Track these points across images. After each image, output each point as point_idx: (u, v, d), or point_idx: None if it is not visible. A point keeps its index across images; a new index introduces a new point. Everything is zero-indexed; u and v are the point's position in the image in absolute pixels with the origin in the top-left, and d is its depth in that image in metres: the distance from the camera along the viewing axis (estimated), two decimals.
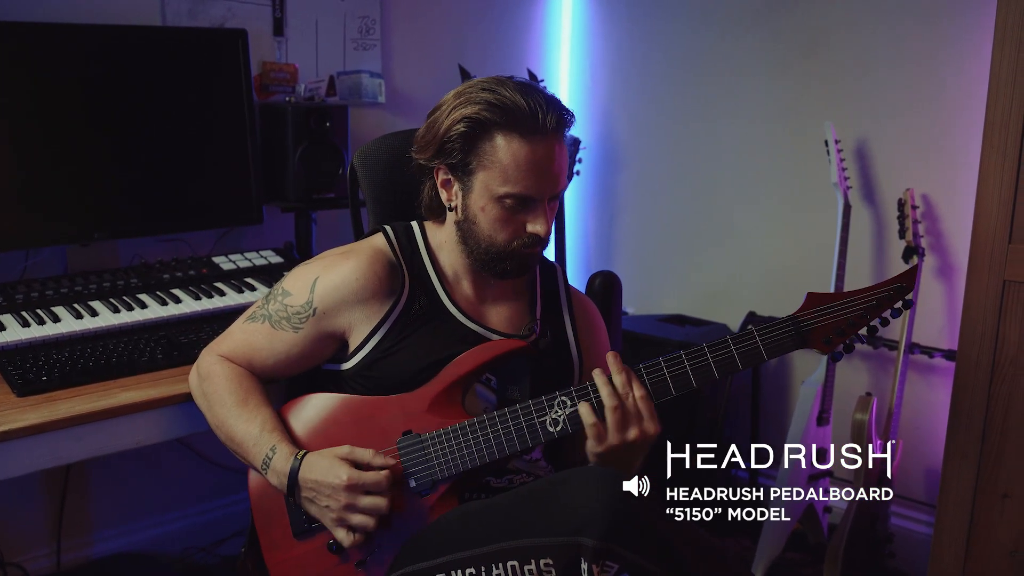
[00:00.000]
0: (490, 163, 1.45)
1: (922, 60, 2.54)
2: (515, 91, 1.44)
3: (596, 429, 1.36)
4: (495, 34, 3.12)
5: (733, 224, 3.00)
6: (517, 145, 1.43)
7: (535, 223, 1.47)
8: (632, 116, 3.21)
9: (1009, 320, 1.94)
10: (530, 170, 1.43)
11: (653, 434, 1.37)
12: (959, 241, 2.52)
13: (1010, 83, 1.87)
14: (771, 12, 2.83)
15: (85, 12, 2.19)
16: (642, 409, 1.36)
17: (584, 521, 1.19)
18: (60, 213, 2.06)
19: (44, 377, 1.63)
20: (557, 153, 1.46)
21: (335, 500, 1.39)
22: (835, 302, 1.39)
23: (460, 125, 1.45)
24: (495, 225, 1.48)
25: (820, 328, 1.39)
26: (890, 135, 2.63)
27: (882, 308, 1.39)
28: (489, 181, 1.45)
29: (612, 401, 1.36)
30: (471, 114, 1.44)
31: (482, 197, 1.47)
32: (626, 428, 1.35)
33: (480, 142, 1.45)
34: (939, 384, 2.59)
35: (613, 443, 1.35)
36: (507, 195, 1.45)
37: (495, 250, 1.50)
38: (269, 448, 1.44)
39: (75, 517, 2.39)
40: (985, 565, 2.03)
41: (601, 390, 1.37)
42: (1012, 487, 1.98)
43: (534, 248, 1.50)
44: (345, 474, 1.38)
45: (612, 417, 1.35)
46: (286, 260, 2.26)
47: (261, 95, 2.48)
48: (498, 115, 1.43)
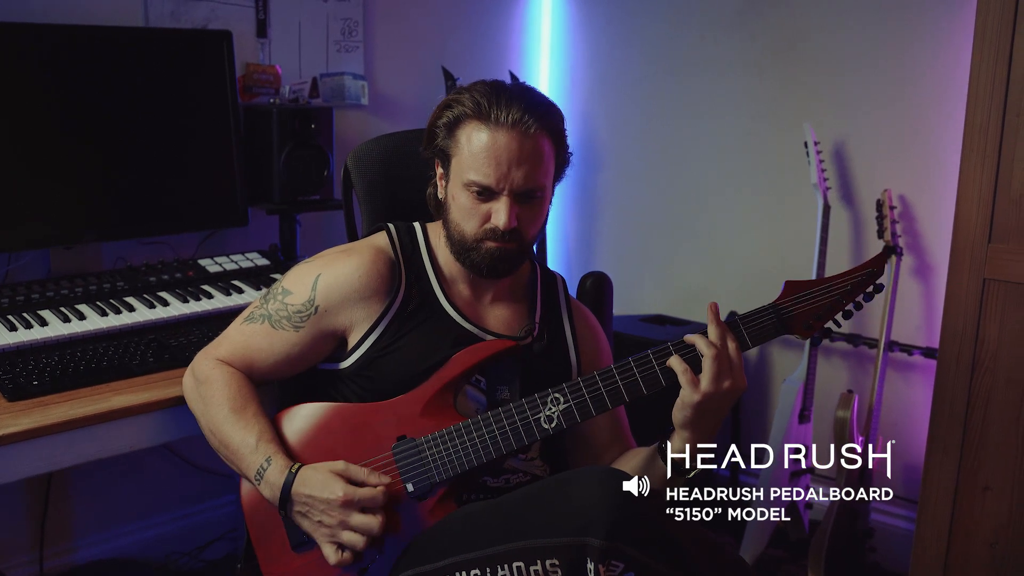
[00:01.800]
0: (459, 150, 1.50)
1: (899, 62, 2.59)
2: (495, 88, 1.50)
3: (689, 376, 1.36)
4: (476, 36, 3.13)
5: (713, 225, 3.04)
6: (477, 133, 1.48)
7: (497, 215, 1.48)
8: (612, 117, 3.23)
9: (989, 317, 1.98)
10: (488, 159, 1.46)
11: (743, 388, 1.39)
12: (936, 240, 2.57)
13: (989, 87, 1.92)
14: (749, 13, 2.86)
15: (67, 13, 2.17)
16: (734, 360, 1.37)
17: (590, 521, 1.20)
18: (44, 215, 2.04)
19: (35, 381, 1.61)
20: (521, 146, 1.46)
21: (328, 516, 1.38)
22: (812, 289, 1.43)
23: (443, 114, 1.52)
24: (462, 213, 1.51)
25: (800, 314, 1.42)
26: (868, 136, 2.67)
27: (856, 292, 1.44)
28: (458, 168, 1.50)
29: (711, 350, 1.36)
30: (451, 101, 1.52)
31: (455, 185, 1.52)
32: (722, 378, 1.36)
33: (456, 131, 1.51)
34: (918, 381, 2.64)
35: (709, 391, 1.35)
36: (470, 183, 1.48)
37: (463, 241, 1.52)
38: (264, 459, 1.43)
39: (58, 523, 2.36)
40: (966, 557, 2.07)
41: (698, 341, 1.37)
42: (992, 480, 2.02)
43: (500, 243, 1.50)
44: (341, 490, 1.37)
45: (712, 365, 1.35)
46: (272, 262, 2.26)
47: (244, 97, 2.47)
48: (469, 105, 1.49)
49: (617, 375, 1.41)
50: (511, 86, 1.52)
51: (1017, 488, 2.00)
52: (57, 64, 2.02)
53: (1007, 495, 2.01)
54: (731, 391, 1.37)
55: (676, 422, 1.41)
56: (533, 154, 1.47)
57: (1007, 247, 1.94)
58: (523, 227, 1.50)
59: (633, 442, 1.66)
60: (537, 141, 1.47)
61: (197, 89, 2.24)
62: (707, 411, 1.38)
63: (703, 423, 1.39)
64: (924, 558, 2.12)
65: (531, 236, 1.53)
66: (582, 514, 1.21)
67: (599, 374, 1.42)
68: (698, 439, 1.41)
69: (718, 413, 1.40)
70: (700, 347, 1.37)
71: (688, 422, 1.39)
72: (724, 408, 1.40)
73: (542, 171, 1.49)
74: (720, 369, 1.36)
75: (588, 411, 1.42)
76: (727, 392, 1.37)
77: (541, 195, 1.51)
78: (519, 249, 1.52)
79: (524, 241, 1.52)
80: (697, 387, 1.36)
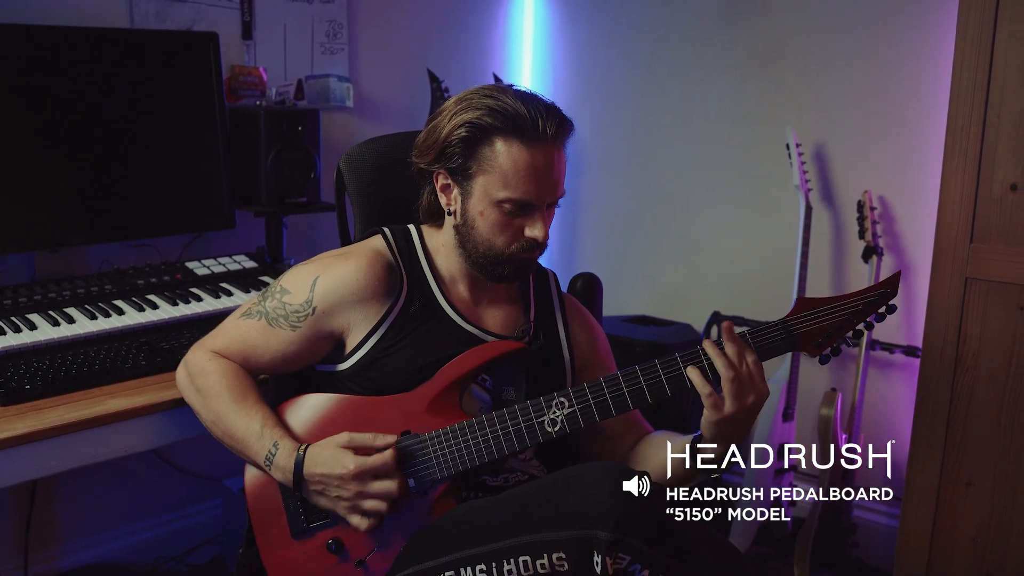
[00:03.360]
0: (490, 168, 1.47)
1: (879, 65, 2.63)
2: (516, 98, 1.47)
3: (712, 399, 1.36)
4: (460, 38, 3.14)
5: (696, 226, 3.07)
6: (517, 151, 1.46)
7: (533, 228, 1.49)
8: (594, 119, 3.25)
9: (971, 316, 2.02)
10: (529, 176, 1.46)
11: (766, 395, 1.39)
12: (915, 241, 2.61)
13: (971, 88, 1.96)
14: (731, 16, 2.89)
15: (51, 14, 2.15)
16: (755, 374, 1.38)
17: (597, 514, 1.21)
18: (28, 218, 2.02)
19: (27, 386, 1.60)
20: (556, 160, 1.49)
21: (345, 490, 1.40)
22: (823, 306, 1.42)
23: (461, 130, 1.47)
24: (493, 229, 1.50)
25: (809, 332, 1.42)
26: (848, 138, 2.71)
27: (868, 312, 1.43)
28: (489, 186, 1.48)
29: (729, 372, 1.36)
30: (473, 119, 1.46)
31: (481, 202, 1.49)
32: (745, 395, 1.37)
33: (480, 147, 1.47)
34: (899, 379, 2.68)
35: (732, 409, 1.36)
36: (506, 200, 1.47)
37: (493, 254, 1.52)
38: (272, 444, 1.44)
39: (43, 529, 2.33)
40: (949, 551, 2.11)
41: (716, 361, 1.37)
42: (975, 476, 2.06)
43: (531, 253, 1.52)
44: (352, 463, 1.39)
45: (731, 387, 1.36)
46: (259, 265, 2.25)
47: (230, 99, 2.46)
48: (499, 120, 1.46)
49: (623, 382, 1.42)
50: (528, 94, 1.50)
51: (999, 483, 2.04)
52: (41, 65, 2.00)
53: (989, 490, 2.05)
54: (756, 404, 1.39)
55: (705, 436, 1.42)
56: (559, 163, 1.51)
57: (989, 247, 1.98)
58: None
59: (649, 426, 1.66)
60: (560, 150, 1.51)
61: (183, 91, 2.23)
62: (734, 424, 1.39)
63: (732, 434, 1.41)
64: (908, 552, 2.16)
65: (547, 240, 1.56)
66: (589, 508, 1.22)
67: (605, 380, 1.42)
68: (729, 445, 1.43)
69: (745, 423, 1.41)
70: (719, 367, 1.37)
71: (716, 437, 1.41)
72: (752, 418, 1.42)
73: (564, 179, 1.54)
74: (741, 389, 1.37)
75: (592, 416, 1.43)
76: (752, 406, 1.38)
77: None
78: (542, 252, 1.55)
79: (545, 247, 1.55)
80: (720, 409, 1.37)
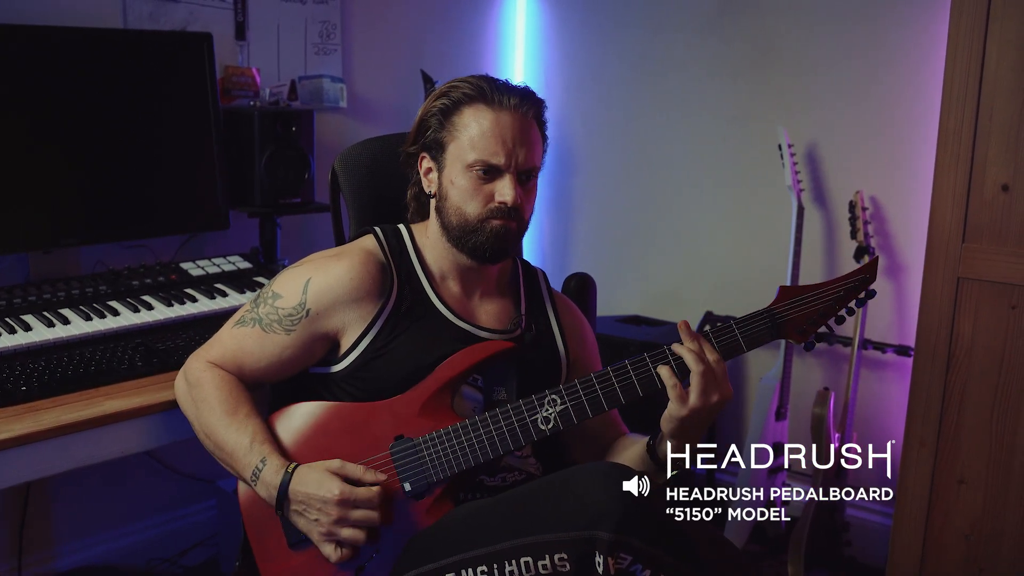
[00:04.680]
0: (460, 134, 1.53)
1: (870, 66, 2.65)
2: (489, 77, 1.56)
3: (678, 390, 1.38)
4: (453, 39, 3.15)
5: (688, 225, 3.08)
6: (482, 114, 1.52)
7: (503, 191, 1.52)
8: (586, 119, 3.26)
9: (963, 315, 2.04)
10: (494, 137, 1.51)
11: (729, 396, 1.41)
12: (907, 241, 2.63)
13: (962, 91, 1.97)
14: (723, 17, 2.91)
15: (44, 14, 2.14)
16: (719, 372, 1.39)
17: (598, 515, 1.21)
18: (23, 219, 2.01)
19: (23, 387, 1.59)
20: (523, 127, 1.53)
21: (325, 514, 1.39)
22: (806, 294, 1.45)
23: (436, 104, 1.56)
24: (464, 196, 1.53)
25: (794, 319, 1.44)
26: (840, 139, 2.73)
27: (848, 298, 1.46)
28: (459, 152, 1.53)
29: (700, 366, 1.37)
30: (445, 91, 1.56)
31: (453, 170, 1.54)
32: (710, 391, 1.38)
33: (452, 116, 1.54)
34: (891, 378, 2.70)
35: (697, 405, 1.37)
36: (475, 163, 1.51)
37: (465, 223, 1.54)
38: (259, 460, 1.43)
39: (37, 531, 2.32)
40: (942, 548, 2.13)
41: (686, 356, 1.38)
42: (967, 473, 2.08)
43: (505, 220, 1.53)
44: (337, 488, 1.38)
45: (700, 381, 1.37)
46: (254, 265, 2.25)
47: (223, 99, 2.45)
48: (467, 90, 1.54)
49: (614, 377, 1.43)
50: (499, 79, 1.58)
51: (991, 481, 2.05)
52: (34, 65, 1.99)
53: (981, 488, 2.07)
54: (719, 403, 1.40)
55: (664, 431, 1.43)
56: (531, 136, 1.54)
57: (980, 246, 2.00)
58: (522, 206, 1.54)
59: (624, 427, 1.68)
60: (531, 125, 1.55)
61: (176, 91, 2.23)
62: (694, 422, 1.41)
63: (690, 432, 1.43)
64: (901, 550, 2.18)
65: (528, 217, 1.58)
66: (590, 508, 1.22)
67: (595, 376, 1.44)
68: (685, 445, 1.44)
69: (705, 422, 1.43)
70: (689, 362, 1.39)
71: (676, 432, 1.42)
72: (711, 417, 1.43)
73: (537, 153, 1.56)
74: (707, 384, 1.38)
75: (585, 413, 1.43)
76: (715, 404, 1.39)
77: (535, 176, 1.58)
78: (518, 228, 1.56)
79: (523, 221, 1.56)
80: (685, 403, 1.38)
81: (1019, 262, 1.96)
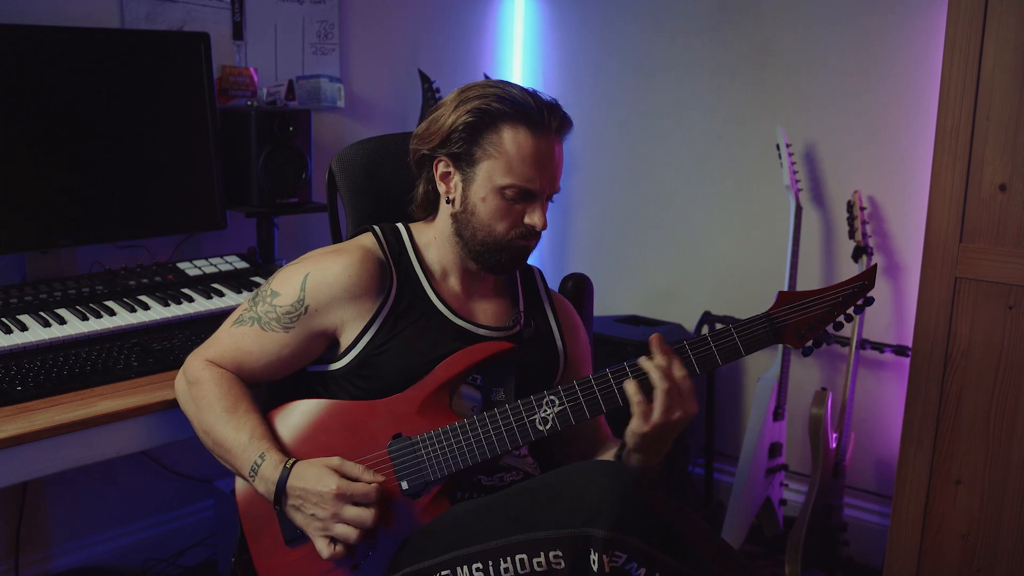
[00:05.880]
0: (496, 153, 1.49)
1: (869, 66, 2.64)
2: (521, 90, 1.52)
3: (643, 407, 1.37)
4: (451, 38, 3.14)
5: (687, 225, 3.07)
6: (523, 137, 1.49)
7: (532, 215, 1.51)
8: (585, 118, 3.24)
9: (960, 315, 2.03)
10: (533, 163, 1.49)
11: (693, 413, 1.40)
12: (905, 241, 2.63)
13: (960, 90, 1.97)
14: (721, 17, 2.90)
15: (42, 14, 2.14)
16: (685, 390, 1.39)
17: (593, 512, 1.21)
18: (19, 219, 2.01)
19: (18, 387, 1.59)
20: (557, 153, 1.53)
21: (321, 509, 1.38)
22: (804, 299, 1.44)
23: (468, 115, 1.49)
24: (494, 216, 1.52)
25: (792, 324, 1.44)
26: (838, 139, 2.73)
27: (847, 304, 1.45)
28: (493, 171, 1.50)
29: (664, 383, 1.36)
30: (480, 105, 1.49)
31: (484, 187, 1.51)
32: (673, 409, 1.37)
33: (487, 132, 1.50)
34: (889, 379, 2.70)
35: (659, 422, 1.36)
36: (509, 186, 1.49)
37: (492, 241, 1.53)
38: (258, 455, 1.43)
39: (33, 531, 2.32)
40: (939, 548, 2.12)
41: (652, 372, 1.38)
42: (964, 474, 2.08)
43: (529, 241, 1.54)
44: (334, 483, 1.38)
45: (664, 398, 1.36)
46: (251, 265, 2.25)
47: (220, 99, 2.45)
48: (507, 107, 1.49)
49: (611, 377, 1.43)
50: (531, 89, 1.54)
51: (988, 481, 2.05)
52: (31, 65, 1.99)
53: (978, 488, 2.06)
54: (681, 420, 1.39)
55: (628, 444, 1.43)
56: (559, 156, 1.54)
57: (978, 246, 2.00)
58: None
59: (607, 430, 1.69)
60: (561, 145, 1.55)
61: (174, 91, 2.22)
62: (657, 439, 1.40)
63: (654, 447, 1.42)
64: (898, 550, 2.17)
65: None
66: (585, 506, 1.22)
67: (594, 378, 1.43)
68: (649, 459, 1.44)
69: (668, 439, 1.43)
70: (654, 379, 1.38)
71: (639, 447, 1.42)
72: (674, 434, 1.43)
73: (561, 172, 1.57)
74: (671, 402, 1.37)
75: (583, 414, 1.43)
76: (677, 421, 1.39)
77: None
78: (537, 241, 1.57)
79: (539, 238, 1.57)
80: (648, 419, 1.37)
81: (1016, 262, 1.96)
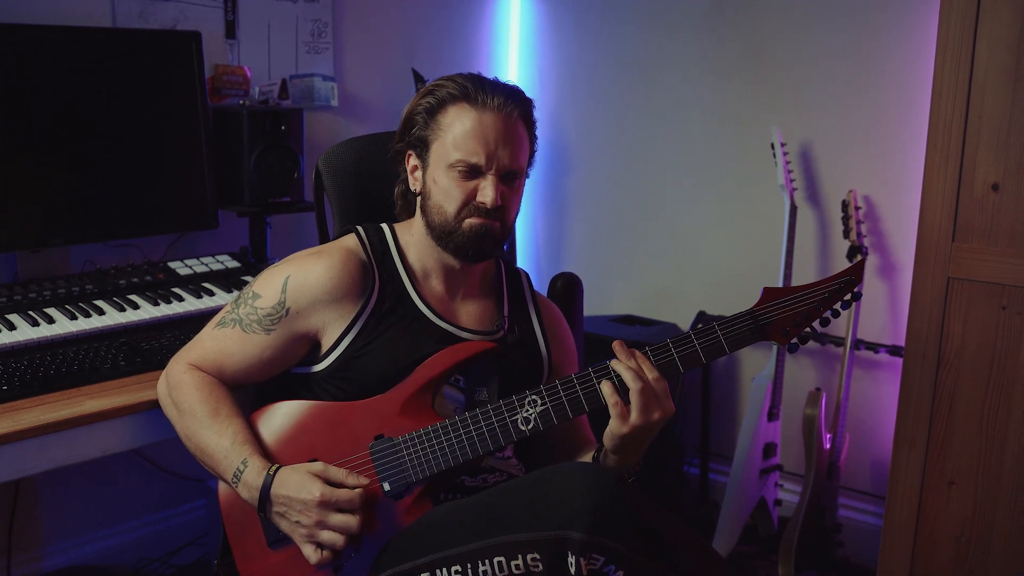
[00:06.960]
0: (443, 133, 1.53)
1: (863, 65, 2.64)
2: (476, 76, 1.56)
3: (619, 408, 1.37)
4: (446, 38, 3.14)
5: (682, 225, 3.07)
6: (465, 114, 1.52)
7: (483, 192, 1.51)
8: (580, 118, 3.25)
9: (953, 315, 2.02)
10: (476, 137, 1.50)
11: (671, 413, 1.39)
12: (900, 240, 2.62)
13: (952, 89, 1.96)
14: (717, 16, 2.90)
15: (32, 12, 2.14)
16: (659, 390, 1.38)
17: (571, 515, 1.20)
18: (10, 218, 2.01)
19: (4, 387, 1.59)
20: (506, 127, 1.52)
21: (306, 516, 1.38)
22: (790, 296, 1.43)
23: (422, 101, 1.56)
24: (445, 195, 1.52)
25: (777, 321, 1.43)
26: (833, 138, 2.72)
27: (833, 300, 1.45)
28: (441, 151, 1.53)
29: (638, 383, 1.36)
30: (432, 89, 1.55)
31: (436, 168, 1.54)
32: (651, 409, 1.37)
33: (437, 115, 1.54)
34: (883, 379, 2.69)
35: (637, 424, 1.36)
36: (457, 162, 1.51)
37: (446, 222, 1.53)
38: (240, 461, 1.43)
39: (25, 530, 2.32)
40: (932, 549, 2.11)
41: (624, 374, 1.37)
42: (957, 475, 2.07)
43: (484, 219, 1.52)
44: (318, 491, 1.37)
45: (639, 399, 1.36)
46: (243, 264, 2.25)
47: (213, 98, 2.45)
48: (454, 90, 1.53)
49: (594, 377, 1.42)
50: (488, 77, 1.57)
51: (981, 482, 2.04)
52: (22, 64, 1.98)
53: (971, 489, 2.05)
54: (660, 420, 1.39)
55: (607, 447, 1.43)
56: (515, 137, 1.53)
57: (970, 246, 1.98)
58: (505, 207, 1.54)
59: (590, 434, 1.68)
60: (517, 125, 1.54)
61: (166, 90, 2.22)
62: (635, 440, 1.40)
63: (632, 448, 1.42)
64: (891, 551, 2.16)
65: (512, 218, 1.58)
66: (563, 509, 1.22)
67: (576, 377, 1.43)
68: (628, 460, 1.44)
69: (646, 439, 1.42)
70: (627, 380, 1.37)
71: (618, 448, 1.42)
72: (652, 435, 1.42)
73: (522, 154, 1.56)
74: (647, 401, 1.37)
75: (565, 413, 1.43)
76: (657, 422, 1.38)
77: (520, 177, 1.57)
78: (501, 229, 1.55)
79: (506, 221, 1.55)
80: (626, 420, 1.37)
81: (1009, 262, 1.95)
